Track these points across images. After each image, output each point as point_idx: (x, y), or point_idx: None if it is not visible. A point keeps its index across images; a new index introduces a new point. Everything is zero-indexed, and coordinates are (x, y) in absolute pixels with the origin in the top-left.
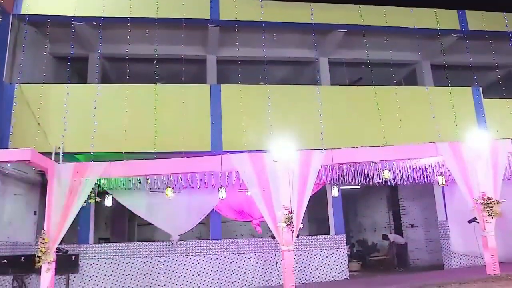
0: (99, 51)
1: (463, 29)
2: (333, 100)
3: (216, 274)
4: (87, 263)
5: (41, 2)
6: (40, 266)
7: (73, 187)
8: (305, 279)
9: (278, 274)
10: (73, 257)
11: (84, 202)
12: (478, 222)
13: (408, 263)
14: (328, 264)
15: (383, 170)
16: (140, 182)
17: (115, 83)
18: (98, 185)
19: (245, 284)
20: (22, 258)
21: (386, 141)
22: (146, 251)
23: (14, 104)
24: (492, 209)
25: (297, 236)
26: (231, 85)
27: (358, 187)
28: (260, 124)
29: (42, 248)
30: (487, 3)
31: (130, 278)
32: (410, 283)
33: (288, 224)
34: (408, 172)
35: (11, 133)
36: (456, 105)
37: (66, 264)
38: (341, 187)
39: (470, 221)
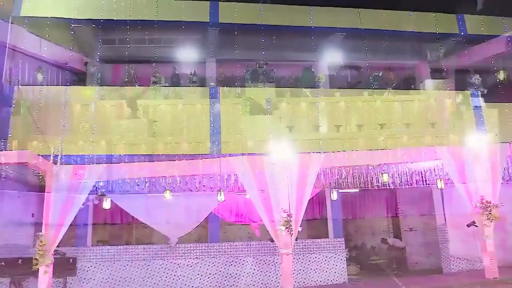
0: (98, 53)
1: (462, 33)
2: (332, 103)
3: (214, 277)
4: (85, 266)
5: (41, 4)
6: (38, 269)
7: (71, 189)
8: (304, 282)
9: (276, 278)
10: (71, 259)
11: (82, 204)
12: (476, 226)
13: (406, 266)
14: (327, 268)
15: (382, 173)
16: (138, 185)
17: (114, 85)
18: (97, 187)
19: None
20: (20, 260)
21: (385, 144)
22: (144, 254)
23: (13, 106)
24: (491, 213)
25: (296, 239)
26: (230, 87)
27: (357, 190)
28: (259, 127)
29: (39, 250)
30: (486, 8)
31: (128, 281)
32: (409, 287)
33: (287, 227)
34: (407, 176)
35: (9, 135)
36: (454, 109)
37: (64, 266)
38: (339, 190)
39: (468, 225)
